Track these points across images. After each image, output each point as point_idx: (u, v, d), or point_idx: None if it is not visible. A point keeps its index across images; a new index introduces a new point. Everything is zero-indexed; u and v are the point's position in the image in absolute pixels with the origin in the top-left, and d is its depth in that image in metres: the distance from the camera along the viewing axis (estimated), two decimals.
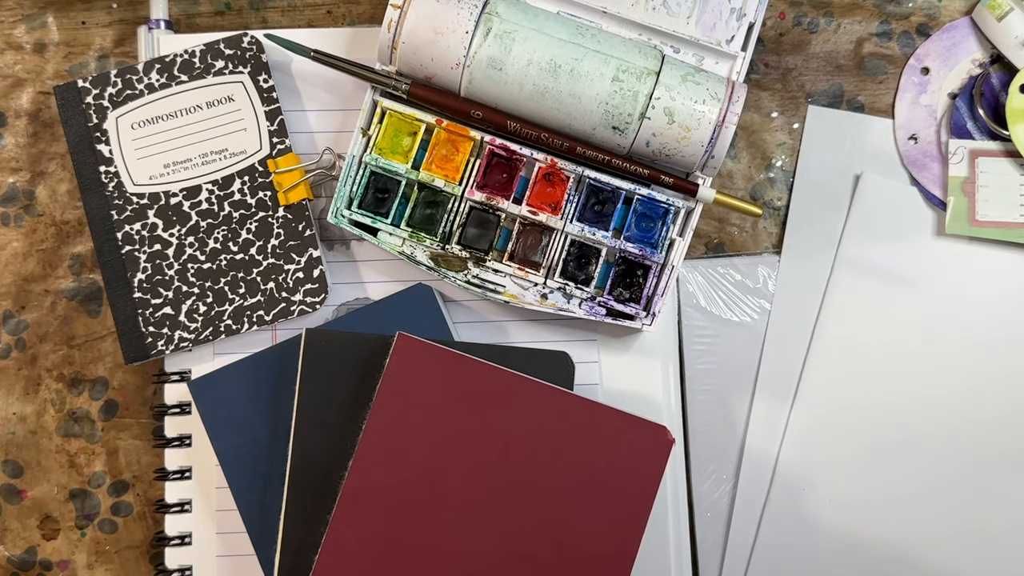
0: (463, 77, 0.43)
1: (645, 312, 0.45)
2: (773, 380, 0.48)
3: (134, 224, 0.47)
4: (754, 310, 0.48)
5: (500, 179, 0.45)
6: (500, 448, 0.42)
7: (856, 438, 0.48)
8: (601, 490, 0.42)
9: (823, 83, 0.49)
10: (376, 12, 0.49)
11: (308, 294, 0.46)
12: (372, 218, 0.45)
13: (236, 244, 0.47)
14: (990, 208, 0.47)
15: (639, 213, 0.45)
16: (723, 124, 0.42)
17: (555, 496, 0.42)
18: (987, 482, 0.47)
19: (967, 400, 0.47)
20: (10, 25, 0.50)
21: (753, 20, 0.45)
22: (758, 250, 0.49)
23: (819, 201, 0.49)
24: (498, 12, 0.43)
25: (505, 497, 0.42)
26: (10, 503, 0.49)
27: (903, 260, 0.48)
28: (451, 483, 0.42)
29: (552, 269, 0.45)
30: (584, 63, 0.42)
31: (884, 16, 0.49)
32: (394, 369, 0.42)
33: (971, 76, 0.48)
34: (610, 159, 0.44)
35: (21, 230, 0.49)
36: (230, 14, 0.50)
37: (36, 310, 0.49)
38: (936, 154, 0.48)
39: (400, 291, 0.46)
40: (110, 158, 0.47)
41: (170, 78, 0.47)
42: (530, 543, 0.42)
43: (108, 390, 0.49)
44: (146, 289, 0.46)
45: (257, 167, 0.47)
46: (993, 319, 0.48)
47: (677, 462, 0.47)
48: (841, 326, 0.48)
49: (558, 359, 0.44)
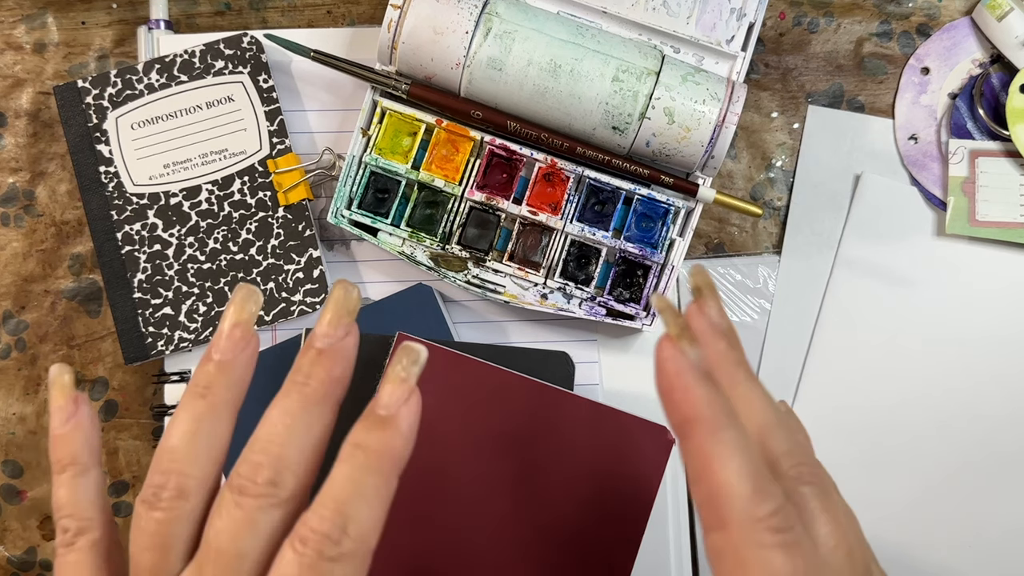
0: (463, 77, 0.43)
1: (645, 312, 0.45)
2: (773, 380, 0.48)
3: (134, 224, 0.47)
4: (754, 310, 0.48)
5: (500, 179, 0.45)
6: (500, 448, 0.42)
7: (856, 438, 0.48)
8: (601, 490, 0.42)
9: (823, 83, 0.49)
10: (376, 12, 0.49)
11: (308, 294, 0.46)
12: (372, 218, 0.45)
13: (236, 244, 0.47)
14: (990, 208, 0.47)
15: (639, 213, 0.45)
16: (723, 124, 0.42)
17: (555, 496, 0.42)
18: (987, 482, 0.47)
19: (967, 400, 0.47)
20: (10, 25, 0.50)
21: (753, 20, 0.45)
22: (758, 250, 0.49)
23: (819, 201, 0.49)
24: (498, 12, 0.43)
25: (505, 497, 0.42)
26: (10, 503, 0.49)
27: (903, 260, 0.48)
28: (451, 483, 0.42)
29: (552, 269, 0.45)
30: (584, 63, 0.42)
31: (884, 16, 0.49)
32: None
33: (971, 76, 0.48)
34: (610, 159, 0.44)
35: (21, 230, 0.49)
36: (230, 14, 0.50)
37: (36, 310, 0.49)
38: (936, 154, 0.48)
39: (400, 291, 0.46)
40: (110, 158, 0.47)
41: (170, 78, 0.47)
42: (530, 543, 0.42)
43: (108, 390, 0.49)
44: (146, 289, 0.46)
45: (257, 167, 0.47)
46: (993, 319, 0.48)
47: (677, 462, 0.47)
48: (841, 326, 0.48)
49: (558, 359, 0.44)
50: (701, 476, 0.25)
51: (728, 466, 0.24)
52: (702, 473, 0.24)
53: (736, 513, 0.24)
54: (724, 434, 0.24)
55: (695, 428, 0.25)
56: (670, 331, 0.26)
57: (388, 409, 0.27)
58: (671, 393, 0.25)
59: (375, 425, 0.27)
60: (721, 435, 0.24)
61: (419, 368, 0.28)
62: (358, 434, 0.27)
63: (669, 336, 0.26)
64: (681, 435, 0.25)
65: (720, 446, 0.24)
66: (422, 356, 0.27)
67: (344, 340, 0.28)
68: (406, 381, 0.27)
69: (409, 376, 0.27)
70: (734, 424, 0.25)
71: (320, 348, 0.28)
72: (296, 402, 0.27)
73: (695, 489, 0.25)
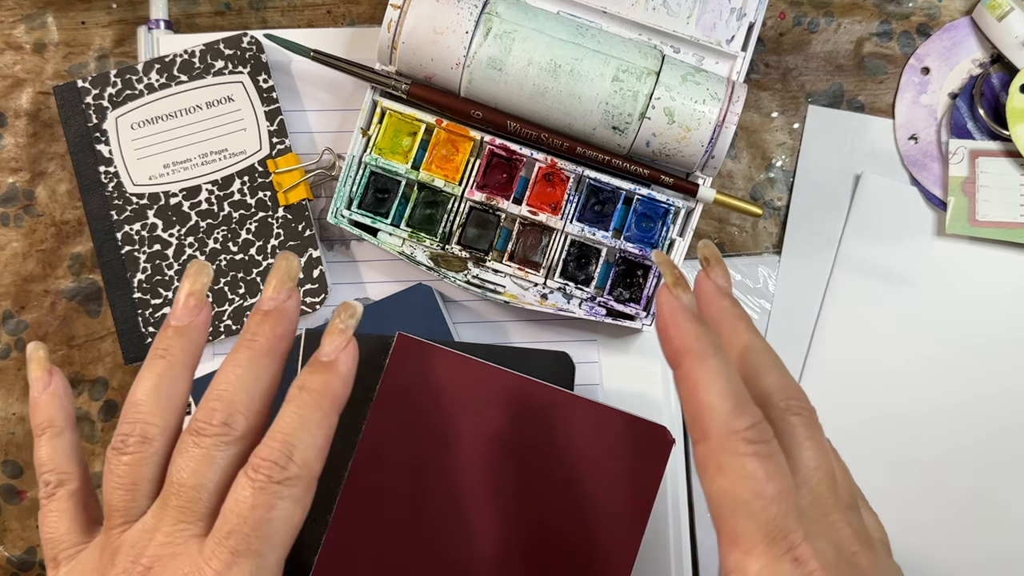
0: (463, 77, 0.43)
1: (645, 312, 0.45)
2: None
3: (134, 224, 0.47)
4: (754, 310, 0.48)
5: (500, 179, 0.45)
6: (500, 448, 0.42)
7: (856, 437, 0.48)
8: (601, 490, 0.42)
9: (823, 83, 0.49)
10: (376, 12, 0.49)
11: (308, 294, 0.46)
12: (372, 218, 0.45)
13: (236, 244, 0.47)
14: (990, 208, 0.47)
15: (639, 213, 0.45)
16: (723, 124, 0.42)
17: (555, 496, 0.42)
18: (987, 482, 0.47)
19: (967, 399, 0.47)
20: (10, 25, 0.50)
21: (753, 20, 0.45)
22: (758, 250, 0.49)
23: (819, 201, 0.49)
24: (498, 12, 0.43)
25: (505, 497, 0.42)
26: (10, 503, 0.49)
27: (903, 260, 0.48)
28: (451, 483, 0.42)
29: (552, 269, 0.45)
30: (584, 63, 0.42)
31: (884, 16, 0.49)
32: (394, 369, 0.42)
33: (971, 76, 0.48)
34: (610, 159, 0.44)
35: (21, 230, 0.49)
36: (230, 14, 0.50)
37: (36, 310, 0.49)
38: (936, 154, 0.48)
39: (400, 291, 0.46)
40: (110, 158, 0.47)
41: (170, 78, 0.47)
42: (530, 543, 0.42)
43: (108, 390, 0.49)
44: (146, 289, 0.46)
45: (257, 167, 0.47)
46: (993, 319, 0.48)
47: (677, 462, 0.47)
48: (841, 326, 0.48)
49: (558, 359, 0.44)
50: (688, 398, 0.28)
51: (711, 389, 0.27)
52: (689, 396, 0.28)
53: (715, 427, 0.27)
54: (709, 362, 0.27)
55: (684, 357, 0.28)
56: (667, 280, 0.29)
57: (329, 356, 0.31)
58: (666, 330, 0.28)
59: (317, 369, 0.31)
60: (707, 363, 0.27)
61: (355, 321, 0.32)
62: (303, 377, 0.31)
63: (666, 284, 0.29)
64: (673, 365, 0.28)
65: (705, 372, 0.27)
66: (358, 311, 0.32)
67: (286, 303, 0.32)
68: (344, 332, 0.32)
69: (347, 328, 0.32)
70: (718, 354, 0.28)
71: (266, 310, 0.32)
72: (245, 355, 0.31)
73: (684, 409, 0.28)
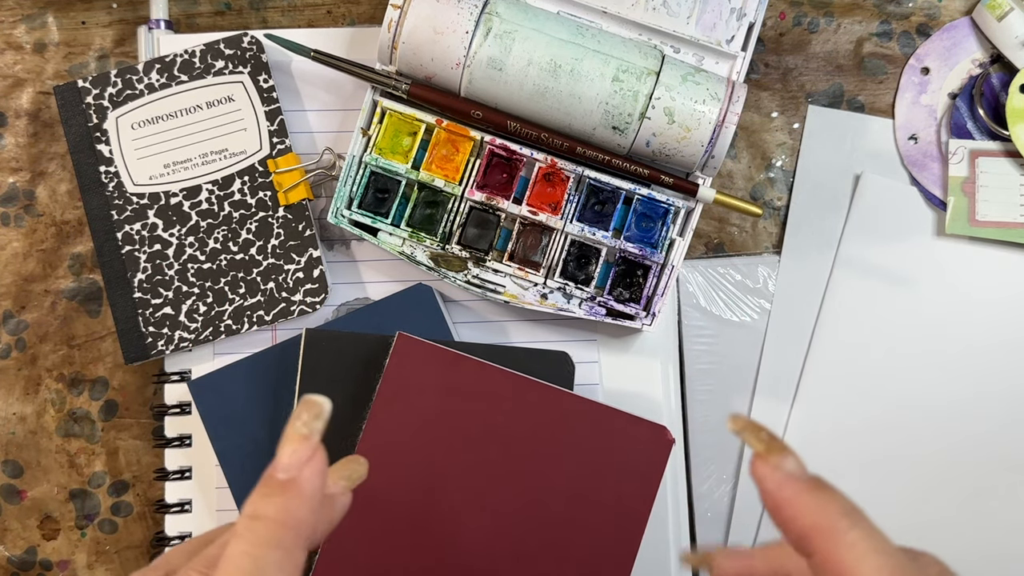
0: (463, 77, 0.43)
1: (645, 312, 0.45)
2: (773, 380, 0.48)
3: (134, 224, 0.47)
4: (754, 310, 0.48)
5: (500, 179, 0.45)
6: (500, 448, 0.42)
7: (856, 437, 0.48)
8: (601, 490, 0.42)
9: (823, 83, 0.49)
10: (376, 12, 0.49)
11: (308, 294, 0.46)
12: (372, 218, 0.45)
13: (236, 244, 0.47)
14: (990, 208, 0.47)
15: (639, 213, 0.45)
16: (723, 124, 0.42)
17: (555, 496, 0.42)
18: (987, 482, 0.47)
19: (967, 399, 0.47)
20: (10, 25, 0.50)
21: (753, 20, 0.45)
22: (758, 250, 0.49)
23: (819, 201, 0.49)
24: (498, 12, 0.43)
25: (505, 497, 0.42)
26: (10, 503, 0.49)
27: (903, 260, 0.48)
28: (451, 483, 0.42)
29: (552, 269, 0.45)
30: (584, 63, 0.42)
31: (884, 16, 0.49)
32: (394, 369, 0.42)
33: (971, 76, 0.48)
34: (610, 159, 0.44)
35: (21, 230, 0.49)
36: (230, 14, 0.50)
37: (36, 310, 0.49)
38: (936, 154, 0.48)
39: (400, 291, 0.46)
40: (110, 158, 0.47)
41: (170, 78, 0.47)
42: (530, 543, 0.42)
43: (108, 390, 0.49)
44: (146, 289, 0.46)
45: (257, 167, 0.47)
46: (993, 319, 0.48)
47: (677, 462, 0.47)
48: (841, 326, 0.48)
49: (558, 359, 0.44)
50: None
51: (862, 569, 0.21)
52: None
53: None
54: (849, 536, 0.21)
55: (815, 539, 0.21)
56: (756, 450, 0.23)
57: (288, 471, 0.24)
58: (779, 512, 0.22)
59: (274, 491, 0.24)
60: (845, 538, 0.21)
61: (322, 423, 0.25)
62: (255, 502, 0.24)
63: (758, 454, 0.23)
64: (804, 553, 0.22)
65: (847, 550, 0.21)
66: (325, 409, 0.25)
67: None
68: (308, 439, 0.24)
69: (312, 432, 0.24)
70: (858, 522, 0.21)
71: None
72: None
73: None
